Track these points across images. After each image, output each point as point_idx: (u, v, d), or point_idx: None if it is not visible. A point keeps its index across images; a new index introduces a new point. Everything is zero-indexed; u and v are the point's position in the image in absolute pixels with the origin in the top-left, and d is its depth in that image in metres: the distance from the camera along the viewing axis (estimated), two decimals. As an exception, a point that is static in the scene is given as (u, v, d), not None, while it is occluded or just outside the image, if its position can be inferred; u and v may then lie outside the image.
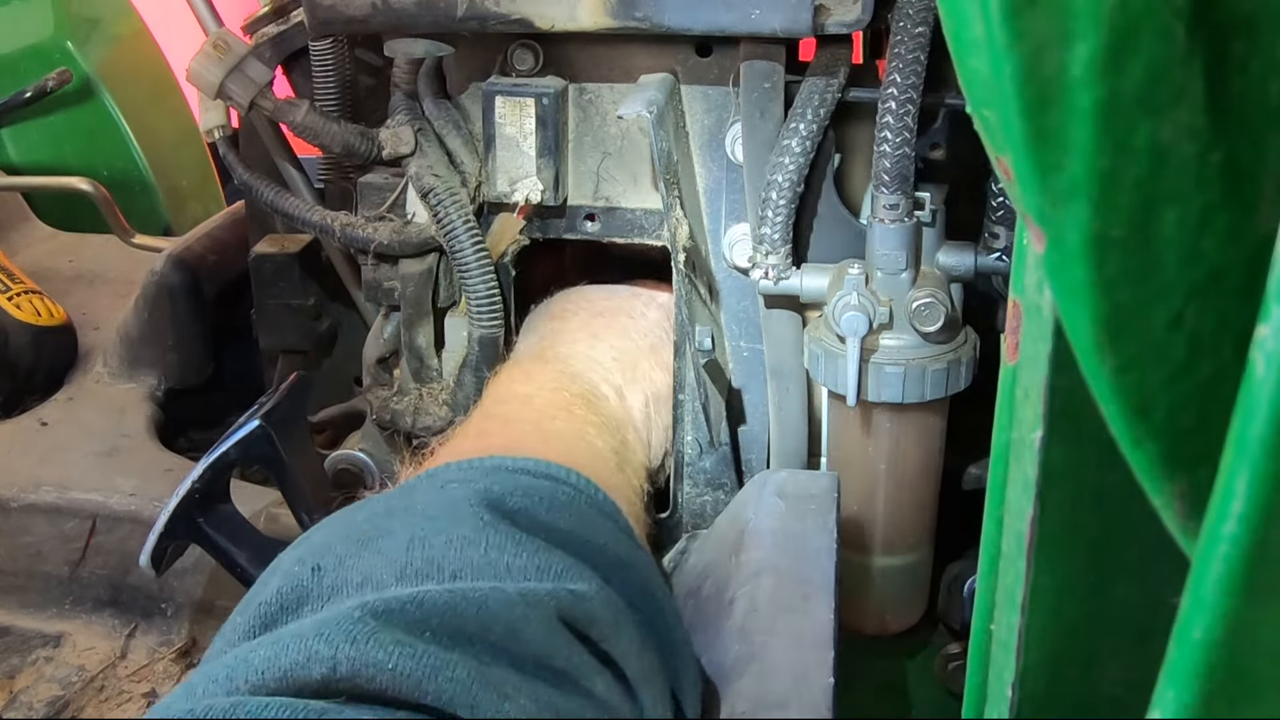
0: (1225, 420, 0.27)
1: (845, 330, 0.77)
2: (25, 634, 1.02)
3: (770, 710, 0.60)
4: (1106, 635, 0.45)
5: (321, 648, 0.47)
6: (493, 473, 0.62)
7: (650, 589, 0.61)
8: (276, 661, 0.47)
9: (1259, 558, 0.26)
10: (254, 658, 0.48)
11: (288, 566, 0.56)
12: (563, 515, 0.60)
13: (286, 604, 0.53)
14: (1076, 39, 0.28)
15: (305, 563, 0.55)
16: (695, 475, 0.90)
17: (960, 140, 0.84)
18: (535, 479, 0.63)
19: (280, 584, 0.54)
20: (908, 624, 0.89)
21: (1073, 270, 0.30)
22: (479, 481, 0.60)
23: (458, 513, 0.57)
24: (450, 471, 0.63)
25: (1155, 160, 0.29)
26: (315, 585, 0.54)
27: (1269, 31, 0.28)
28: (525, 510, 0.59)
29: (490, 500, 0.58)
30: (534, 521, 0.59)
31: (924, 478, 0.84)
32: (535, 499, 0.60)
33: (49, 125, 1.72)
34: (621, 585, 0.59)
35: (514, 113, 0.84)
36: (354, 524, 0.58)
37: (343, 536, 0.57)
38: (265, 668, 0.47)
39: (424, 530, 0.56)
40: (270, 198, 0.93)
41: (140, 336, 1.23)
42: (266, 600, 0.54)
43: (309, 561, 0.55)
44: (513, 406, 0.79)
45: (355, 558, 0.55)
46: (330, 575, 0.54)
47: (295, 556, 0.57)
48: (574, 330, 0.88)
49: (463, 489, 0.60)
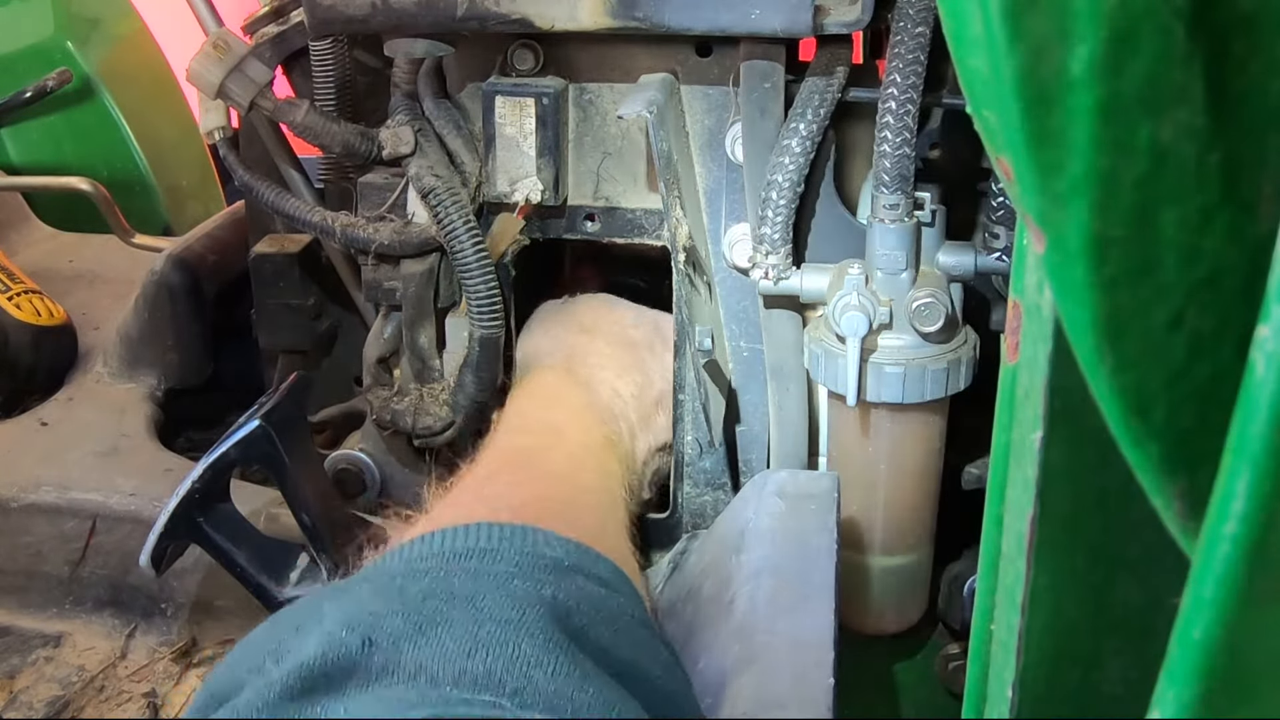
0: (1225, 420, 0.27)
1: (845, 330, 0.77)
2: (25, 634, 1.02)
3: (770, 710, 0.60)
4: (1106, 635, 0.45)
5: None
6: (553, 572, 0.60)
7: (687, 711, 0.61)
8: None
9: (1259, 558, 0.26)
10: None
11: (332, 627, 0.53)
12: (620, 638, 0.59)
13: (331, 673, 0.51)
14: (1076, 39, 0.28)
15: (354, 630, 0.53)
16: (695, 475, 0.90)
17: (960, 140, 0.84)
18: (589, 581, 0.62)
19: (325, 648, 0.52)
20: (908, 624, 0.89)
21: (1073, 270, 0.30)
22: (544, 584, 0.58)
23: (524, 623, 0.55)
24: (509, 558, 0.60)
25: (1155, 160, 0.29)
26: (365, 660, 0.52)
27: (1269, 31, 0.28)
28: (588, 630, 0.58)
29: (556, 613, 0.57)
30: (596, 646, 0.57)
31: (924, 478, 0.84)
32: (596, 616, 0.59)
33: (49, 125, 1.72)
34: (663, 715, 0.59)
35: (514, 113, 0.84)
36: (409, 598, 0.56)
37: (397, 611, 0.54)
38: None
39: (489, 635, 0.53)
40: (270, 198, 0.93)
41: (140, 336, 1.23)
42: (308, 661, 0.51)
43: (358, 631, 0.53)
44: (542, 438, 0.79)
45: (411, 643, 0.53)
46: (382, 654, 0.52)
47: (340, 617, 0.54)
48: (602, 352, 0.89)
49: (528, 589, 0.57)
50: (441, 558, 0.61)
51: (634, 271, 1.08)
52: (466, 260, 0.85)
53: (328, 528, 0.84)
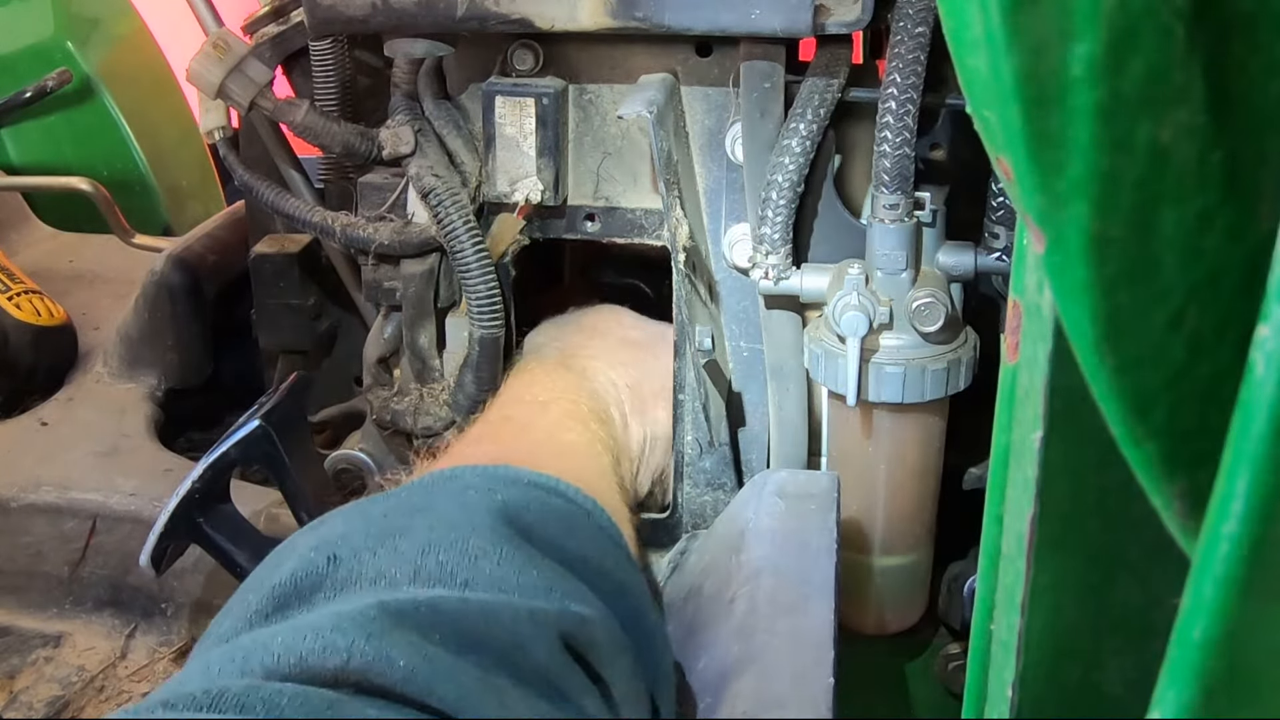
0: (1225, 420, 0.27)
1: (845, 330, 0.77)
2: (25, 634, 1.02)
3: (770, 710, 0.60)
4: (1106, 635, 0.45)
5: (337, 639, 0.49)
6: (510, 484, 0.64)
7: (645, 616, 0.64)
8: (292, 649, 0.49)
9: (1259, 558, 0.26)
10: (271, 643, 0.49)
11: (303, 551, 0.57)
12: (572, 536, 0.63)
13: (301, 589, 0.55)
14: (1076, 39, 0.28)
15: (321, 550, 0.57)
16: (695, 475, 0.90)
17: (960, 140, 0.84)
18: (549, 495, 0.65)
19: (295, 568, 0.56)
20: (908, 624, 0.89)
21: (1073, 270, 0.30)
22: (498, 492, 0.62)
23: (474, 522, 0.59)
24: (469, 477, 0.64)
25: (1155, 160, 0.29)
26: (330, 574, 0.55)
27: (1269, 31, 0.28)
28: (538, 527, 0.61)
29: (507, 514, 0.60)
30: (545, 539, 0.61)
31: (924, 478, 0.84)
32: (548, 516, 0.63)
33: (49, 125, 1.72)
34: (619, 610, 0.61)
35: (514, 113, 0.84)
36: (371, 517, 0.60)
37: (360, 529, 0.59)
38: (281, 653, 0.49)
39: (440, 536, 0.57)
40: (270, 198, 0.93)
41: (140, 336, 1.23)
42: (280, 582, 0.55)
43: (325, 550, 0.57)
44: (530, 410, 0.80)
45: (371, 553, 0.56)
46: (345, 566, 0.56)
47: (311, 542, 0.58)
48: (599, 349, 0.90)
49: (480, 498, 0.61)
50: (407, 487, 0.65)
51: (634, 272, 1.08)
52: (466, 260, 0.85)
53: (328, 528, 0.84)
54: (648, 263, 0.98)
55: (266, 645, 0.49)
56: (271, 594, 0.55)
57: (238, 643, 0.51)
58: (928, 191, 0.79)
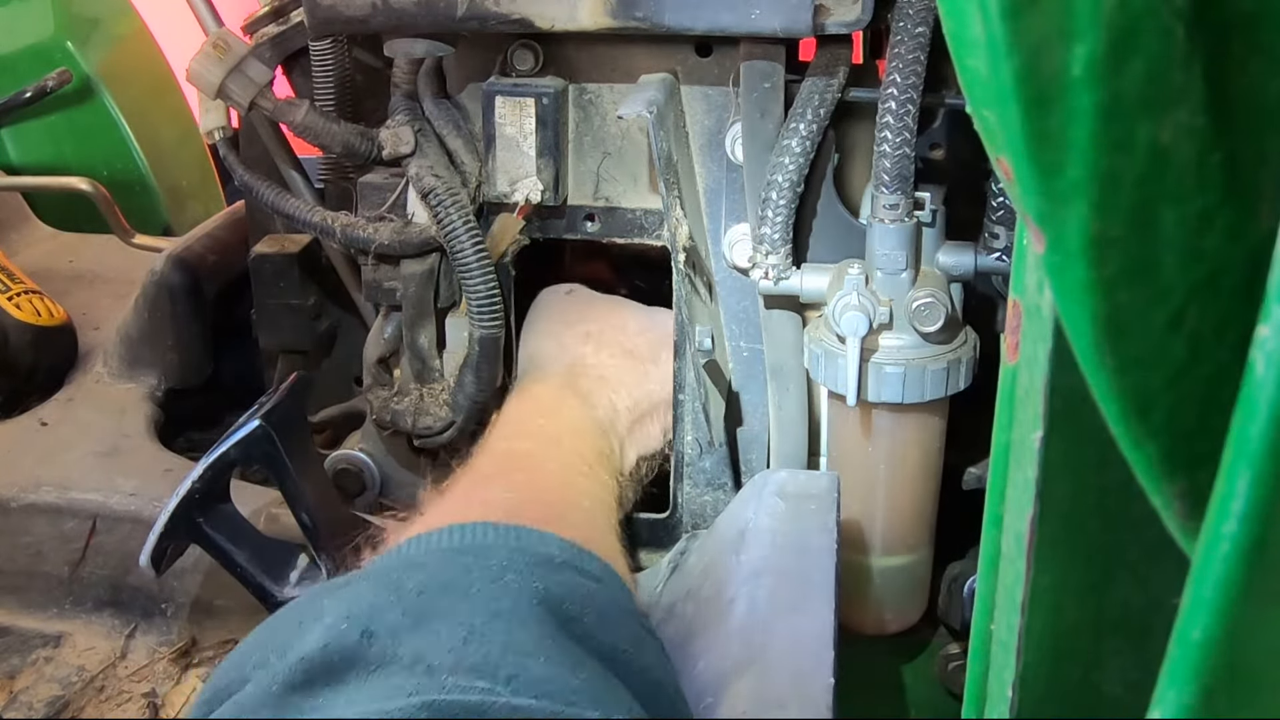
0: (1225, 420, 0.27)
1: (845, 330, 0.77)
2: (25, 634, 1.02)
3: (770, 710, 0.60)
4: (1106, 635, 0.44)
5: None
6: (544, 566, 0.62)
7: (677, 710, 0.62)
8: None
9: (1259, 558, 0.26)
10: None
11: (332, 621, 0.55)
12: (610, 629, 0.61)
13: (332, 665, 0.53)
14: (1076, 39, 0.28)
15: (353, 623, 0.54)
16: (695, 475, 0.90)
17: (960, 140, 0.84)
18: (581, 577, 0.63)
19: (325, 640, 0.53)
20: (908, 624, 0.89)
21: (1073, 270, 0.30)
22: (535, 577, 0.60)
23: (518, 613, 0.56)
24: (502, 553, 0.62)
25: (1155, 160, 0.29)
26: (364, 651, 0.53)
27: (1269, 31, 0.28)
28: (579, 620, 0.59)
29: (549, 604, 0.58)
30: (586, 634, 0.59)
31: (924, 478, 0.84)
32: (587, 607, 0.61)
33: (49, 125, 1.72)
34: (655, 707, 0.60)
35: (514, 113, 0.84)
36: (405, 592, 0.57)
37: (393, 604, 0.56)
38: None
39: (482, 624, 0.55)
40: (270, 198, 0.93)
41: (140, 336, 1.23)
42: (309, 654, 0.53)
43: (357, 623, 0.54)
44: (539, 445, 0.80)
45: (409, 634, 0.54)
46: (380, 645, 0.53)
47: (341, 611, 0.56)
48: (605, 365, 0.90)
49: (520, 582, 0.59)
50: (438, 554, 0.62)
51: (633, 271, 1.08)
52: (466, 260, 0.85)
53: (328, 528, 0.84)
54: (648, 263, 0.98)
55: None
56: (300, 665, 0.52)
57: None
58: (927, 191, 0.79)
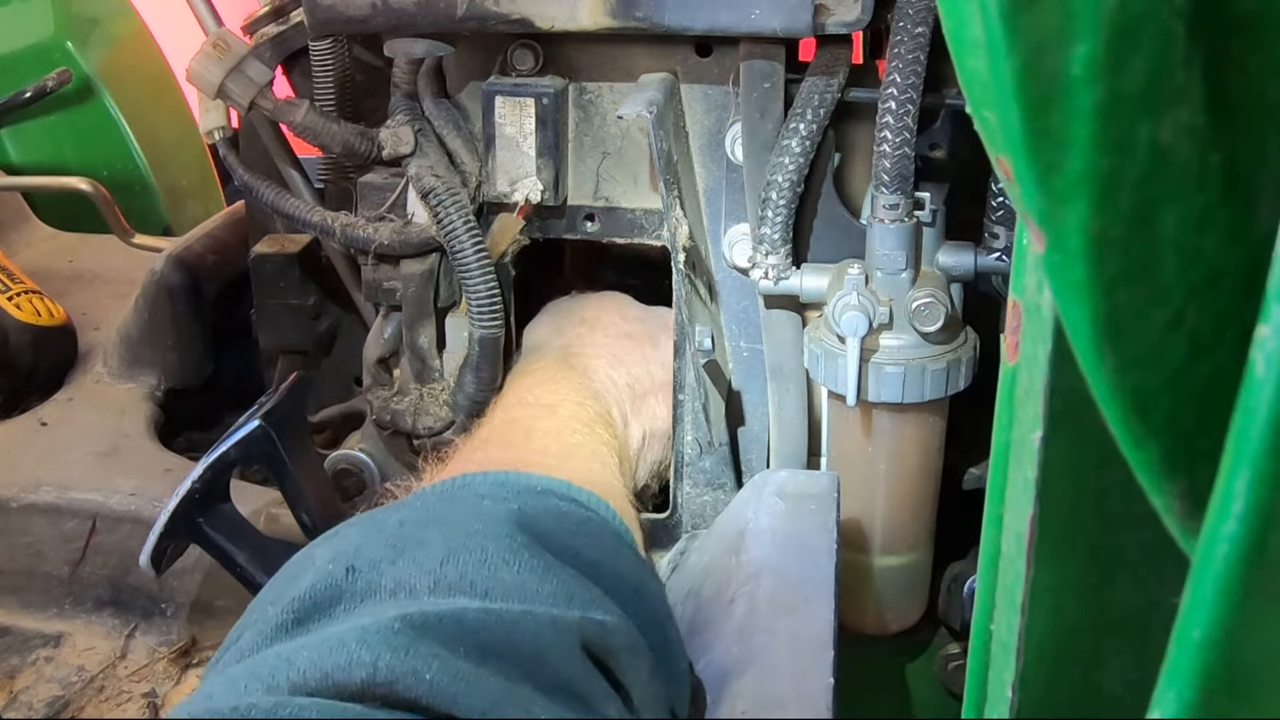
0: (1225, 420, 0.27)
1: (845, 330, 0.77)
2: (25, 634, 1.02)
3: (770, 710, 0.60)
4: (1106, 635, 0.45)
5: (363, 654, 0.49)
6: (524, 492, 0.65)
7: (660, 619, 0.64)
8: (318, 663, 0.49)
9: (1259, 558, 0.26)
10: (297, 658, 0.50)
11: (320, 564, 0.58)
12: (588, 542, 0.63)
13: (320, 601, 0.55)
14: (1076, 39, 0.28)
15: (339, 562, 0.57)
16: (695, 475, 0.90)
17: (960, 140, 0.84)
18: (562, 501, 0.66)
19: (313, 581, 0.56)
20: (908, 624, 0.89)
21: (1073, 270, 0.30)
22: (512, 501, 0.63)
23: (492, 531, 0.59)
24: (483, 486, 0.65)
25: (1155, 160, 0.29)
26: (349, 586, 0.56)
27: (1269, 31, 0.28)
28: (554, 534, 0.61)
29: (523, 522, 0.61)
30: (562, 546, 0.61)
31: (924, 478, 0.84)
32: (563, 523, 0.63)
33: (49, 125, 1.72)
34: (636, 614, 0.62)
35: (514, 113, 0.84)
36: (387, 528, 0.60)
37: (377, 540, 0.59)
38: (307, 668, 0.49)
39: (459, 545, 0.58)
40: (270, 198, 0.93)
41: (140, 336, 1.23)
42: (299, 595, 0.56)
43: (342, 561, 0.57)
44: (535, 412, 0.81)
45: (390, 564, 0.57)
46: (364, 578, 0.56)
47: (327, 555, 0.59)
48: (600, 344, 0.91)
49: (496, 506, 0.62)
50: (421, 496, 0.66)
51: (634, 272, 1.08)
52: (466, 260, 0.85)
53: (328, 528, 0.84)
54: (648, 263, 0.98)
55: (291, 660, 0.50)
56: (291, 606, 0.55)
57: (261, 658, 0.51)
58: (927, 192, 0.79)
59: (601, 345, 0.91)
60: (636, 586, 0.63)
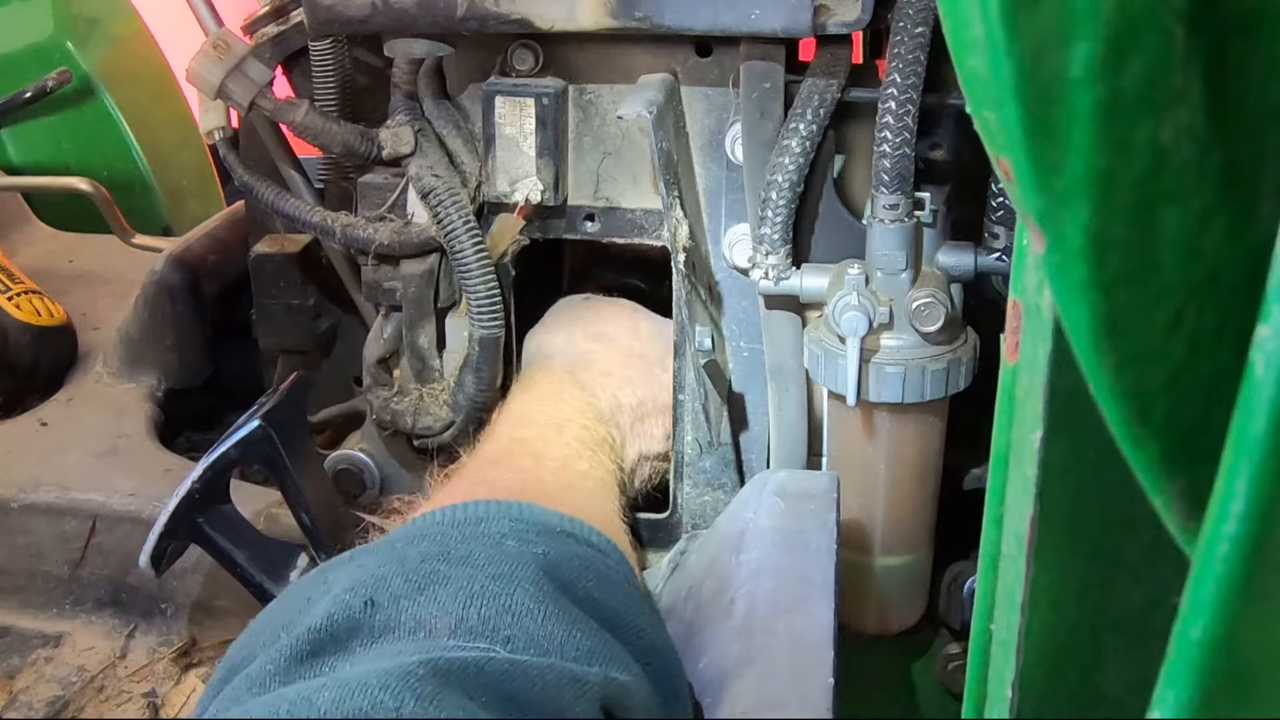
0: (1225, 420, 0.27)
1: (845, 330, 0.77)
2: (25, 634, 1.02)
3: (770, 710, 0.60)
4: (1106, 635, 0.45)
5: (385, 699, 0.48)
6: (545, 534, 0.64)
7: (673, 676, 0.64)
8: (340, 705, 0.48)
9: (1259, 558, 0.26)
10: (318, 699, 0.49)
11: (338, 592, 0.56)
12: (607, 592, 0.63)
13: (337, 633, 0.54)
14: (1076, 39, 0.28)
15: (357, 593, 0.56)
16: (695, 475, 0.90)
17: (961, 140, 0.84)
18: (581, 545, 0.65)
19: (330, 610, 0.55)
20: (908, 624, 0.89)
21: (1073, 270, 0.30)
22: (536, 544, 0.62)
23: (517, 575, 0.58)
24: (503, 523, 0.64)
25: (1155, 160, 0.29)
26: (367, 620, 0.55)
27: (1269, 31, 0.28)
28: (577, 583, 0.61)
29: (548, 568, 0.60)
30: (584, 596, 0.60)
31: (924, 478, 0.84)
32: (585, 572, 0.62)
33: (49, 125, 1.72)
34: (652, 670, 0.61)
35: (514, 113, 0.84)
36: (408, 561, 0.59)
37: (397, 573, 0.57)
38: (329, 710, 0.48)
39: (482, 587, 0.57)
40: (270, 198, 0.93)
41: (140, 336, 1.23)
42: (315, 625, 0.54)
43: (361, 593, 0.56)
44: (543, 433, 0.81)
45: (411, 600, 0.56)
46: (384, 613, 0.55)
47: (346, 582, 0.57)
48: (611, 362, 0.90)
49: (521, 548, 0.61)
50: (440, 526, 0.64)
51: (633, 272, 1.08)
52: (466, 260, 0.85)
53: (328, 528, 0.85)
54: (647, 263, 0.98)
55: (311, 700, 0.49)
56: (306, 636, 0.54)
57: (280, 695, 0.50)
58: (927, 192, 0.79)
59: (613, 364, 0.90)
60: (653, 642, 0.63)
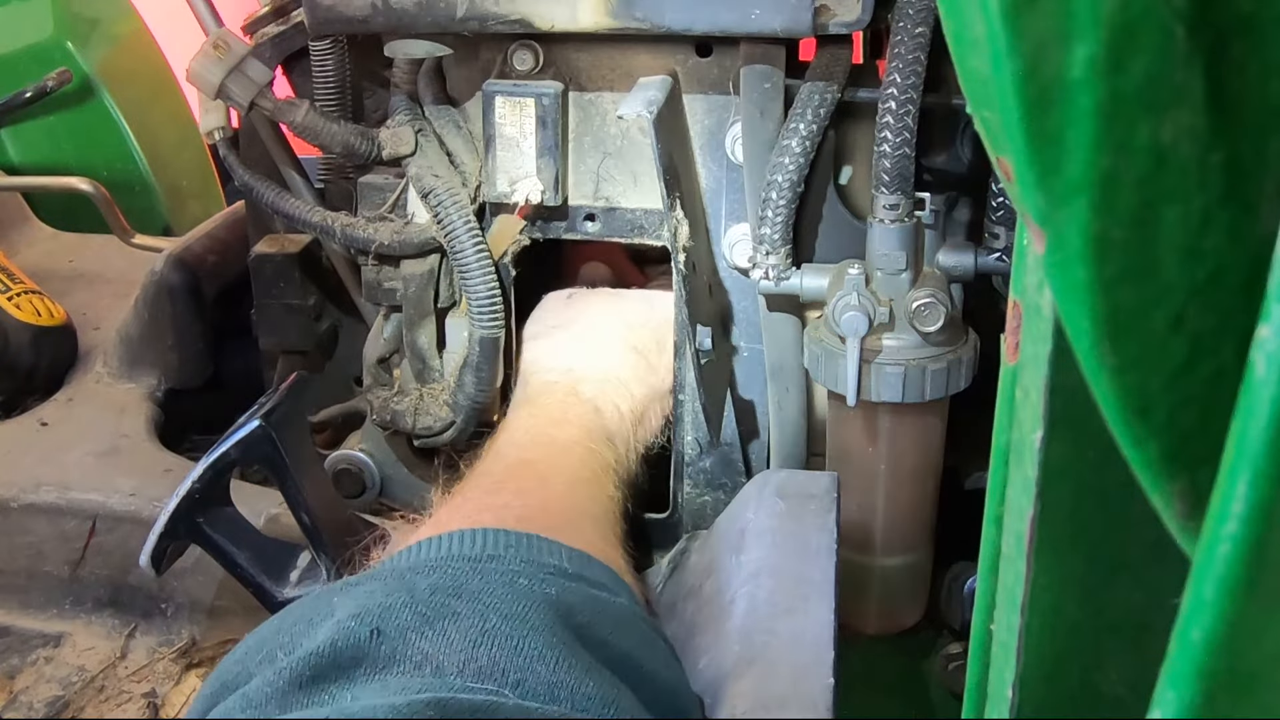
0: (1226, 420, 0.27)
1: (845, 330, 0.77)
2: (25, 634, 1.02)
3: (770, 710, 0.60)
4: (1106, 635, 0.44)
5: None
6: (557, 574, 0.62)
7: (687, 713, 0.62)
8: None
9: (1259, 558, 0.26)
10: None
11: (342, 617, 0.55)
12: (621, 636, 0.61)
13: (340, 660, 0.53)
14: (1076, 39, 0.28)
15: (363, 621, 0.54)
16: (695, 475, 0.90)
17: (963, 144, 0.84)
18: (592, 588, 0.64)
19: (334, 636, 0.54)
20: (908, 624, 0.89)
21: (1073, 270, 0.30)
22: (549, 584, 0.60)
23: (529, 618, 0.57)
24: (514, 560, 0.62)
25: (1155, 160, 0.29)
26: (373, 649, 0.53)
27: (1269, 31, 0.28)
28: (591, 629, 0.59)
29: (561, 611, 0.58)
30: (598, 642, 0.59)
31: (924, 478, 0.84)
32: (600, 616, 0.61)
33: (49, 125, 1.72)
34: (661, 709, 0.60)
35: (514, 113, 0.84)
36: (418, 592, 0.57)
37: (405, 604, 0.56)
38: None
39: (493, 627, 0.55)
40: (271, 199, 0.93)
41: (140, 336, 1.23)
42: (317, 650, 0.53)
43: (368, 621, 0.54)
44: (549, 454, 0.80)
45: (418, 634, 0.54)
46: (390, 644, 0.54)
47: (351, 608, 0.56)
48: (609, 366, 0.89)
49: (532, 588, 0.59)
50: (450, 558, 0.63)
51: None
52: (466, 260, 0.85)
53: (328, 528, 0.84)
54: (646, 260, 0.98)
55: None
56: (308, 660, 0.53)
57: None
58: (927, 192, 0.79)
59: (610, 367, 0.90)
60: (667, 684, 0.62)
